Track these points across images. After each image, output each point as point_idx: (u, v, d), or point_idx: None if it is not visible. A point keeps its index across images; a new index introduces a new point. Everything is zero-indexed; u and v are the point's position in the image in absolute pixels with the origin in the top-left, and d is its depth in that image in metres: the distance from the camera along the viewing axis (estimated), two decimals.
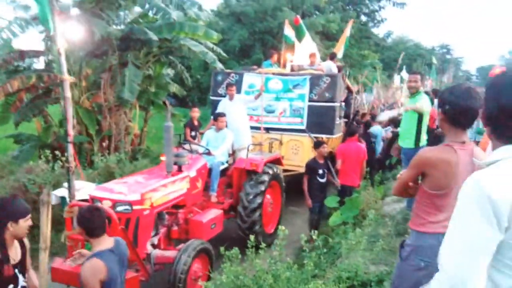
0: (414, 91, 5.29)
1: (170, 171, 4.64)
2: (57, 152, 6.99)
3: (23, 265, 2.53)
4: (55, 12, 3.15)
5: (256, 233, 5.34)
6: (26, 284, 2.55)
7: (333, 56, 10.05)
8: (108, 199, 3.93)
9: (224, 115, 6.18)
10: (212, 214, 5.10)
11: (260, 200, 5.73)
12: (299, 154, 7.82)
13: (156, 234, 4.52)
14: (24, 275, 2.55)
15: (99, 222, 2.58)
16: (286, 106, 8.06)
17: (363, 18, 32.29)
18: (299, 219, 7.18)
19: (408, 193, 2.51)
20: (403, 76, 15.74)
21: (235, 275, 3.35)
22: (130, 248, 3.78)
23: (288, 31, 10.81)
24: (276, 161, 6.57)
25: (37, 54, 9.61)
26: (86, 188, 4.26)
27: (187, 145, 5.90)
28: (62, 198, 4.89)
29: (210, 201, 5.63)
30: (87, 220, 2.55)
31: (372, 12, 32.57)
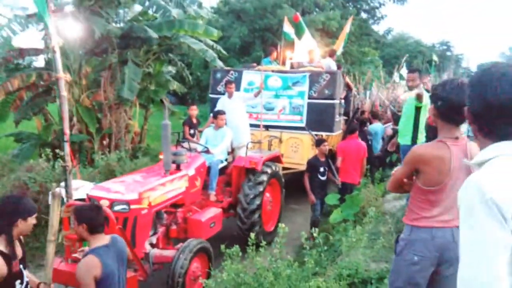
0: (412, 89, 5.31)
1: (168, 169, 4.61)
2: (57, 150, 6.99)
3: (25, 261, 2.56)
4: (50, 9, 3.14)
5: (256, 232, 5.34)
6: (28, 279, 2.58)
7: (332, 53, 10.03)
8: (106, 198, 3.92)
9: (223, 113, 6.14)
10: (211, 213, 5.08)
11: (259, 201, 5.70)
12: (299, 152, 7.80)
13: (154, 233, 4.49)
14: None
15: (101, 219, 2.63)
16: (286, 103, 8.02)
17: (363, 15, 32.21)
18: (299, 217, 7.19)
19: (403, 189, 2.52)
20: (403, 73, 15.72)
21: (236, 272, 3.35)
22: (128, 248, 3.80)
23: (288, 28, 10.78)
24: (276, 159, 6.54)
25: (37, 52, 9.60)
26: (84, 187, 4.25)
27: (185, 143, 5.88)
28: (61, 197, 4.89)
29: (209, 199, 5.60)
30: (91, 217, 2.58)
31: (372, 9, 32.50)
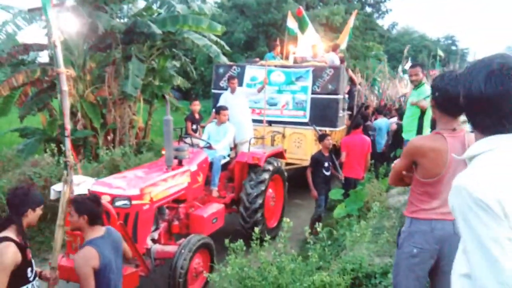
0: (416, 84, 5.30)
1: (170, 165, 4.58)
2: (62, 145, 7.00)
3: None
4: (51, 2, 3.12)
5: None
6: None
7: (335, 47, 9.97)
8: (107, 194, 3.91)
9: (226, 108, 6.10)
10: (213, 208, 5.05)
11: (262, 200, 5.65)
12: (302, 147, 7.75)
13: (156, 229, 4.47)
14: None
15: (101, 211, 2.68)
16: (289, 98, 7.96)
17: (368, 9, 32.01)
18: (304, 211, 7.19)
19: (404, 182, 2.51)
20: (406, 68, 15.61)
21: (240, 267, 3.36)
22: (130, 243, 3.76)
23: (291, 23, 10.71)
24: (279, 154, 6.50)
25: (41, 48, 9.61)
26: (85, 183, 4.25)
27: (188, 139, 5.85)
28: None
29: (211, 195, 5.57)
30: (92, 208, 2.61)
31: (377, 3, 32.29)
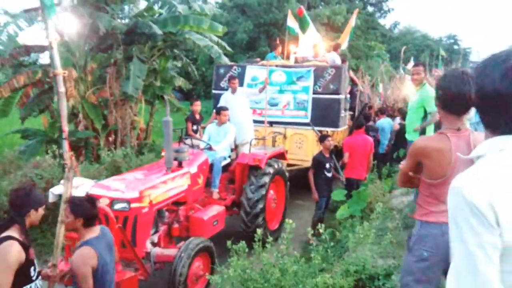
0: (418, 83, 5.28)
1: (170, 167, 4.54)
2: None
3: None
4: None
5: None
6: None
7: (336, 47, 9.92)
8: (106, 196, 3.88)
9: (226, 109, 6.04)
10: (213, 210, 5.00)
11: (262, 205, 5.60)
12: (303, 148, 7.70)
13: (156, 232, 4.43)
14: None
15: (96, 212, 2.68)
16: (290, 99, 7.90)
17: (370, 8, 31.96)
18: (306, 213, 7.16)
19: (413, 183, 2.49)
20: (409, 68, 15.55)
21: (242, 269, 3.33)
22: (129, 247, 3.74)
23: (292, 23, 10.64)
24: (280, 155, 6.45)
25: (42, 49, 9.61)
26: (84, 185, 4.22)
27: (188, 140, 5.79)
28: (60, 196, 4.88)
29: (212, 197, 5.51)
30: (88, 210, 2.61)
31: (379, 2, 32.23)
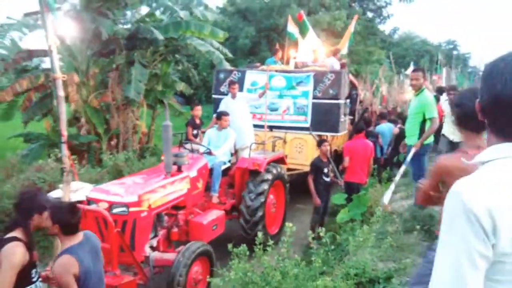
0: (416, 89, 5.35)
1: (169, 171, 4.54)
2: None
3: None
4: (44, 8, 3.12)
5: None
6: None
7: (336, 52, 9.95)
8: (105, 200, 3.88)
9: (227, 114, 6.05)
10: (213, 215, 5.00)
11: (262, 213, 5.60)
12: (303, 153, 7.71)
13: (155, 236, 4.42)
14: None
15: (75, 221, 2.54)
16: (290, 103, 7.93)
17: (369, 14, 32.09)
18: (306, 216, 7.17)
19: (432, 201, 2.49)
20: (408, 73, 15.62)
21: (243, 272, 3.36)
22: (127, 251, 3.76)
23: (292, 28, 10.68)
24: (280, 160, 6.45)
25: (45, 54, 9.68)
26: (83, 189, 4.23)
27: (188, 144, 5.80)
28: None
29: (212, 201, 5.51)
30: (66, 219, 2.49)
31: (379, 8, 32.34)
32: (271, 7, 22.69)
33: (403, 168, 5.60)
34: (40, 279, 2.62)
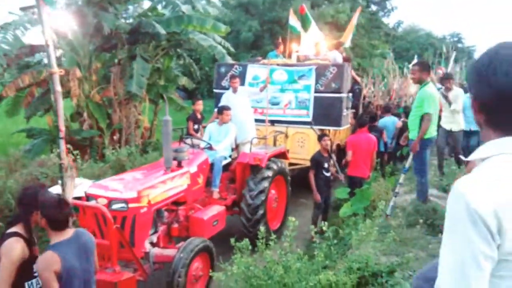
0: (415, 82, 5.39)
1: (169, 166, 4.50)
2: (68, 146, 7.05)
3: None
4: (40, 1, 3.08)
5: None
6: None
7: (338, 45, 9.87)
8: (104, 196, 3.84)
9: (229, 108, 6.00)
10: (213, 210, 4.94)
11: (263, 211, 5.55)
12: (305, 147, 7.65)
13: (155, 232, 4.39)
14: None
15: (63, 217, 2.47)
16: (292, 97, 7.85)
17: (373, 7, 31.86)
18: (309, 211, 7.15)
19: None
20: (410, 66, 15.55)
21: (246, 266, 3.35)
22: (127, 247, 3.73)
23: (294, 21, 10.60)
24: (281, 155, 6.40)
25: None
26: (82, 185, 4.20)
27: (188, 139, 5.75)
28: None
29: (212, 197, 5.46)
30: (53, 214, 2.42)
31: (382, 1, 32.11)
32: (274, 0, 22.56)
33: (402, 177, 5.64)
34: None
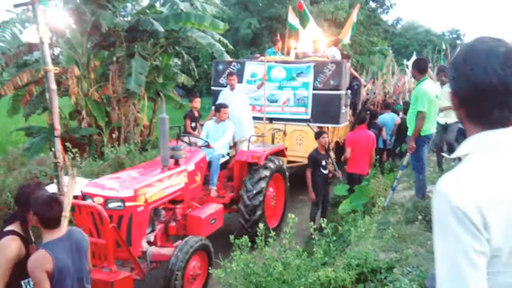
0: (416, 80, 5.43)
1: (166, 165, 4.48)
2: (67, 144, 7.06)
3: None
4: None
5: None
6: None
7: (337, 42, 9.84)
8: (100, 195, 3.82)
9: (226, 106, 5.96)
10: (211, 209, 4.91)
11: (261, 211, 5.50)
12: (304, 145, 7.61)
13: (152, 231, 4.36)
14: None
15: (55, 216, 2.44)
16: (290, 95, 7.81)
17: (372, 4, 31.78)
18: (308, 208, 7.15)
19: None
20: (409, 64, 15.54)
21: (245, 263, 3.36)
22: (124, 246, 3.71)
23: (292, 19, 10.57)
24: (279, 152, 6.37)
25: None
26: (78, 184, 4.19)
27: (186, 137, 5.73)
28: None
29: (210, 195, 5.44)
30: (44, 211, 2.40)
31: None
32: None
33: (399, 173, 5.68)
34: None
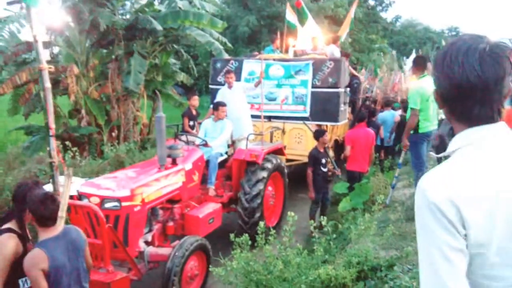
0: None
1: (163, 164, 4.44)
2: (67, 142, 7.05)
3: None
4: None
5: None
6: None
7: (336, 39, 9.82)
8: (96, 195, 3.79)
9: (224, 104, 5.92)
10: (209, 208, 4.89)
11: (260, 213, 5.48)
12: (303, 143, 7.60)
13: (149, 231, 4.34)
14: None
15: (50, 214, 2.42)
16: (288, 93, 7.77)
17: (371, 1, 31.74)
18: (308, 206, 7.15)
19: None
20: (409, 61, 15.55)
21: (246, 261, 3.36)
22: (120, 247, 3.69)
23: (291, 17, 10.53)
24: (278, 151, 6.35)
25: (44, 46, 9.63)
26: (74, 184, 4.19)
27: (183, 136, 5.69)
28: None
29: (208, 194, 5.40)
30: (39, 210, 2.38)
31: None
32: None
33: (397, 171, 5.72)
34: None
